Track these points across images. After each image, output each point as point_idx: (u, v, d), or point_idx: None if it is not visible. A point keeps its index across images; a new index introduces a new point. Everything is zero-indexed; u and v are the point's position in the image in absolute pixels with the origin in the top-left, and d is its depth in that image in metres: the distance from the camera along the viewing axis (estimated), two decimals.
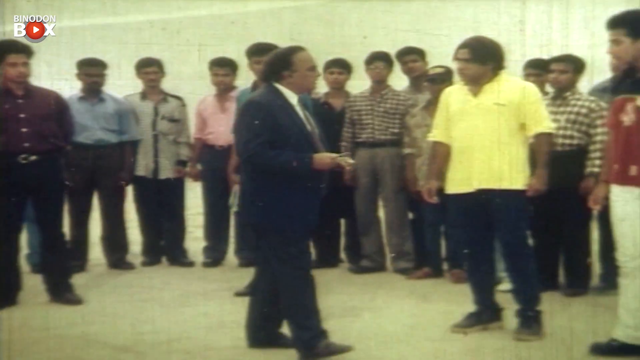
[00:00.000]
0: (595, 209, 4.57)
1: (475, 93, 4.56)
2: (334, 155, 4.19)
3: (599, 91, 5.42)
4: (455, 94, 4.68)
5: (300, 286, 4.18)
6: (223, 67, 6.33)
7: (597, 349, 4.22)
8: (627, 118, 4.05)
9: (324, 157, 4.13)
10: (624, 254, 4.14)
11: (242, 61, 5.94)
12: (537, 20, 6.28)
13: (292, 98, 4.19)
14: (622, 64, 4.21)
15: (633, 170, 4.03)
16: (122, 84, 6.60)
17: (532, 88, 4.64)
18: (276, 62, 4.21)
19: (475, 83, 4.56)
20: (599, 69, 5.54)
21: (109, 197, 6.31)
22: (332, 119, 6.05)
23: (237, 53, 6.21)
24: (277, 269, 4.19)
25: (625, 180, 4.06)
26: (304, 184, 4.14)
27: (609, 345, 4.20)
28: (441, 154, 4.71)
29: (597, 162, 5.14)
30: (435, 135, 4.77)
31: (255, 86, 5.67)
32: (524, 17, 5.97)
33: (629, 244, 4.10)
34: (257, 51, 5.62)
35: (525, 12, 6.00)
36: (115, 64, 6.37)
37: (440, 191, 4.75)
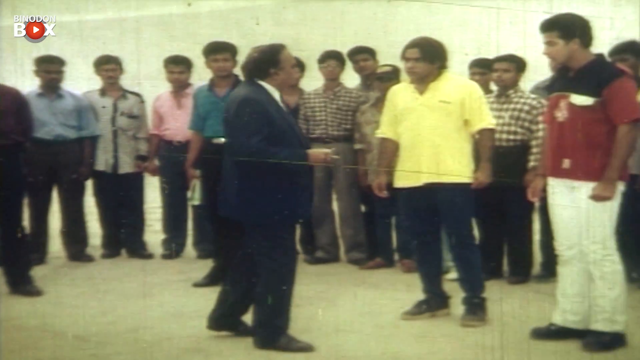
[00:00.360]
0: (534, 201, 4.76)
1: (421, 91, 4.66)
2: (327, 151, 4.23)
3: (541, 89, 5.54)
4: (401, 92, 4.75)
5: (280, 284, 4.18)
6: (178, 65, 6.36)
7: (537, 333, 4.39)
8: (561, 114, 4.19)
9: (318, 153, 4.18)
10: (561, 244, 4.30)
11: (198, 60, 6.03)
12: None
13: (276, 94, 4.21)
14: (557, 64, 4.38)
15: (566, 163, 4.18)
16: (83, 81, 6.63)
17: (474, 86, 4.75)
18: (264, 60, 4.17)
19: (422, 81, 4.64)
20: None
21: (68, 192, 6.33)
22: None
23: (191, 52, 6.31)
24: (263, 264, 4.17)
25: (559, 173, 4.21)
26: (295, 179, 4.14)
27: (548, 329, 4.37)
28: (389, 150, 4.80)
29: (539, 156, 5.19)
30: (383, 132, 4.84)
31: (212, 83, 5.79)
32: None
33: (565, 233, 4.26)
34: (214, 49, 5.72)
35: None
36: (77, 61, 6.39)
37: (390, 185, 4.85)
